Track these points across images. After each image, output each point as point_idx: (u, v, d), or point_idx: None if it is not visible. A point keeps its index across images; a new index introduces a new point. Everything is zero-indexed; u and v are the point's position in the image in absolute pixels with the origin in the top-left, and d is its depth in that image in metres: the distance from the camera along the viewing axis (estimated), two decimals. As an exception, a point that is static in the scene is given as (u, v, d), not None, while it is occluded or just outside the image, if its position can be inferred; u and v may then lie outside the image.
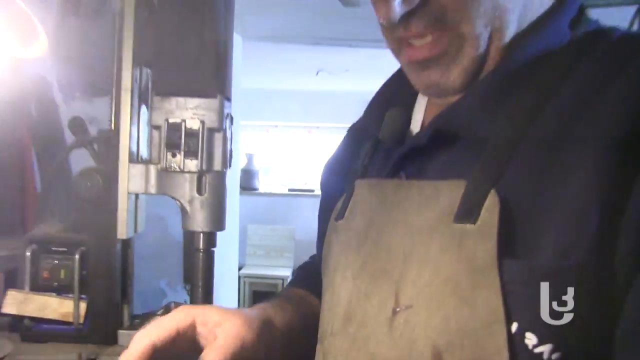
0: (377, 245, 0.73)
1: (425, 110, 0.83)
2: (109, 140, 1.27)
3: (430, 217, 0.66)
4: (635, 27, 2.58)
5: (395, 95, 0.87)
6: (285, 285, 5.99)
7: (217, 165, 1.22)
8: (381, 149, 0.85)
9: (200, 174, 1.21)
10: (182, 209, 1.24)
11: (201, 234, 1.25)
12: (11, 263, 1.36)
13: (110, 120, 1.27)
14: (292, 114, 7.30)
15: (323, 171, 1.06)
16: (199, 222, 1.23)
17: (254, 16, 2.67)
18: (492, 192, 0.61)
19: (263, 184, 7.20)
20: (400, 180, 0.75)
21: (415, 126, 0.82)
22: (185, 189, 1.22)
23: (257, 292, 6.24)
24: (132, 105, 1.24)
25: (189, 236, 1.25)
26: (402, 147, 0.76)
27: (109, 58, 1.31)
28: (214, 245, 1.28)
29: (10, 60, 1.12)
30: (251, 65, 3.71)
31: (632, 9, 2.59)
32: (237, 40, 3.12)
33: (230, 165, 1.27)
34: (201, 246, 1.25)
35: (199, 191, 1.22)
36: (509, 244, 0.59)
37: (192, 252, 1.27)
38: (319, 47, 3.70)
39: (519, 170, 0.62)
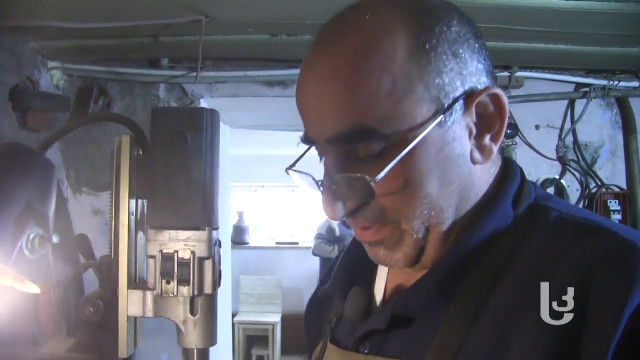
0: None
1: (389, 271, 0.82)
2: (110, 265, 1.23)
3: None
4: (567, 119, 2.62)
5: (359, 256, 0.85)
6: (274, 330, 5.98)
7: (208, 289, 1.19)
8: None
9: (193, 298, 1.18)
10: (177, 329, 1.21)
11: (195, 350, 1.22)
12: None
13: (110, 249, 1.24)
14: (276, 176, 7.27)
15: (307, 307, 1.06)
16: (193, 340, 1.19)
17: (240, 112, 2.66)
18: None
19: (253, 238, 7.15)
20: (366, 355, 0.74)
21: (380, 284, 0.82)
22: (179, 311, 1.18)
23: (250, 337, 6.21)
24: (129, 235, 1.21)
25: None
26: (363, 326, 0.75)
27: (109, 157, 1.29)
28: (207, 359, 1.24)
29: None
30: (240, 136, 3.71)
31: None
32: (225, 128, 3.12)
33: (219, 285, 1.24)
34: (195, 361, 1.22)
35: (192, 312, 1.19)
36: None
37: (187, 366, 1.24)
38: (298, 128, 3.72)
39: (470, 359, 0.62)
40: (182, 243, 1.17)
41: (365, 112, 0.63)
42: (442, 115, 0.64)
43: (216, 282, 1.22)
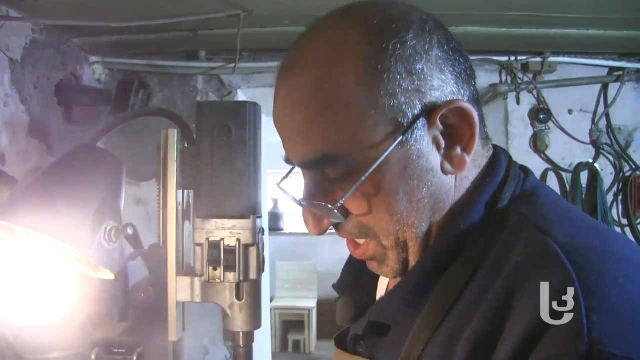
0: None
1: None
2: (159, 253, 1.28)
3: None
4: (601, 103, 2.60)
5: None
6: (310, 315, 6.04)
7: (253, 274, 1.23)
8: None
9: (239, 283, 1.23)
10: (224, 313, 1.25)
11: (241, 333, 1.26)
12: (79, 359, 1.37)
13: (159, 237, 1.28)
14: (309, 163, 7.31)
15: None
16: (239, 323, 1.24)
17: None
18: None
19: (288, 225, 7.19)
20: (352, 356, 0.80)
21: (383, 283, 0.85)
22: (226, 296, 1.23)
23: (286, 322, 6.28)
24: (177, 224, 1.26)
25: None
26: (352, 330, 0.80)
27: (152, 148, 1.33)
28: (253, 341, 1.29)
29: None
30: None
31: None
32: (264, 118, 3.15)
33: (263, 271, 1.28)
34: (241, 344, 1.26)
35: (238, 297, 1.23)
36: None
37: (234, 347, 1.28)
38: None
39: None
40: (228, 231, 1.21)
41: (325, 141, 0.65)
42: (401, 136, 0.64)
43: (261, 267, 1.26)
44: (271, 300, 6.08)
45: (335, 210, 0.67)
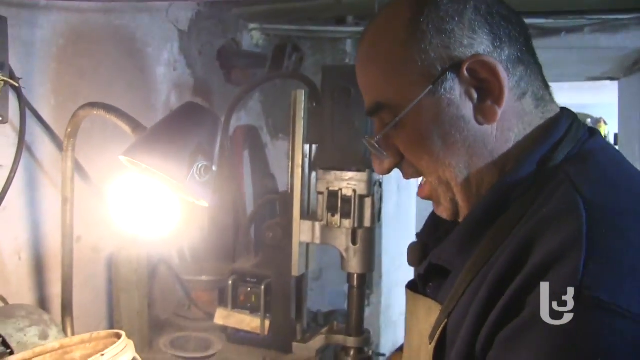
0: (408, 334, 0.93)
1: None
2: (287, 199, 1.46)
3: (426, 327, 0.82)
4: None
5: None
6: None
7: (367, 222, 1.37)
8: None
9: (354, 230, 1.38)
10: (340, 256, 1.41)
11: (355, 275, 1.42)
12: (222, 284, 1.61)
13: (288, 185, 1.47)
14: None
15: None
16: (354, 266, 1.40)
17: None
18: (445, 322, 0.75)
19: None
20: (416, 295, 0.89)
21: None
22: (342, 240, 1.39)
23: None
24: (303, 174, 1.43)
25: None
26: (417, 270, 0.90)
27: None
28: (365, 283, 1.44)
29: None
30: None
31: None
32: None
33: (379, 220, 1.42)
34: (355, 284, 1.42)
35: (354, 242, 1.38)
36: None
37: (349, 288, 1.44)
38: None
39: (460, 310, 0.73)
40: (346, 182, 1.37)
41: (377, 91, 0.80)
42: (431, 86, 0.74)
43: (375, 217, 1.40)
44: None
45: (377, 145, 0.81)
